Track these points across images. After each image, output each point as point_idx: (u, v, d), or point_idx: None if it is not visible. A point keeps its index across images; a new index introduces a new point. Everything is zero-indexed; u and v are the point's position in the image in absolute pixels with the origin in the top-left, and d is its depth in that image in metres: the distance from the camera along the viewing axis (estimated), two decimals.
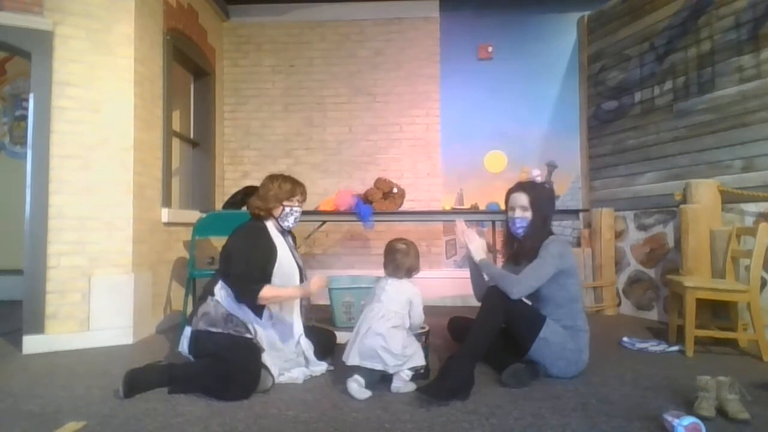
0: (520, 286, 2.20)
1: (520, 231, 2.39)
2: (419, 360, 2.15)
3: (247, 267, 2.25)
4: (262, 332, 2.29)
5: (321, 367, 2.39)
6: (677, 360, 2.67)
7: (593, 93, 4.59)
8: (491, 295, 2.28)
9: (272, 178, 2.49)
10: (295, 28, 5.01)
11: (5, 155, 5.10)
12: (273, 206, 2.43)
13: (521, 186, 2.46)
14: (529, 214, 2.36)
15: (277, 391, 2.13)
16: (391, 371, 2.09)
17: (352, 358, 2.13)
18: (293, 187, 2.46)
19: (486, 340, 2.15)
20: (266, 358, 2.21)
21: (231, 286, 2.27)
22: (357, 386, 2.07)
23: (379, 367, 2.09)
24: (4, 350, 2.91)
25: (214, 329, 2.23)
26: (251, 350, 2.18)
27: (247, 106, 5.03)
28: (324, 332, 2.68)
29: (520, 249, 2.43)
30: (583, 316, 2.33)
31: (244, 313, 2.28)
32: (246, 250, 2.30)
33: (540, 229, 2.36)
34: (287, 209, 2.44)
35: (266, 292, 2.22)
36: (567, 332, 2.25)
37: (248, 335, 2.25)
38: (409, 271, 2.31)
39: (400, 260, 2.28)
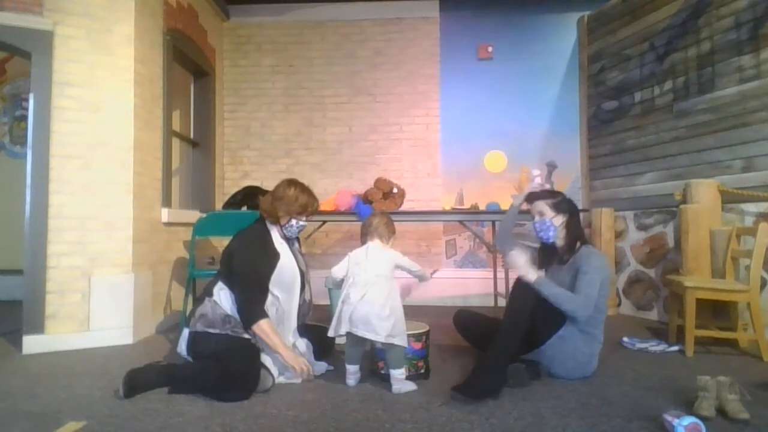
0: (587, 306, 2.19)
1: (541, 234, 2.42)
2: (404, 341, 2.15)
3: (252, 279, 2.25)
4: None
5: (320, 367, 2.39)
6: (677, 360, 2.67)
7: (593, 93, 4.59)
8: (518, 293, 2.28)
9: (291, 184, 2.45)
10: (295, 28, 5.01)
11: (5, 155, 5.10)
12: (281, 215, 2.41)
13: (538, 194, 2.49)
14: (547, 217, 2.38)
15: (277, 391, 2.13)
16: (382, 340, 2.08)
17: (344, 327, 2.14)
18: (306, 204, 2.43)
19: (516, 340, 2.14)
20: (266, 358, 2.21)
21: (236, 294, 2.26)
22: (352, 369, 2.20)
23: (370, 335, 2.09)
24: (4, 350, 2.91)
25: (212, 330, 2.23)
26: (250, 351, 2.18)
27: (247, 106, 5.03)
28: (323, 331, 2.67)
29: (550, 254, 2.47)
30: (602, 328, 2.34)
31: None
32: (250, 259, 2.28)
33: (572, 228, 2.38)
34: (293, 221, 2.42)
35: (264, 326, 2.18)
36: (583, 336, 2.26)
37: (246, 335, 2.25)
38: (381, 235, 2.33)
39: (375, 223, 2.34)
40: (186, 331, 2.29)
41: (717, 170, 3.42)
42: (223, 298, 2.29)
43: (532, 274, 2.23)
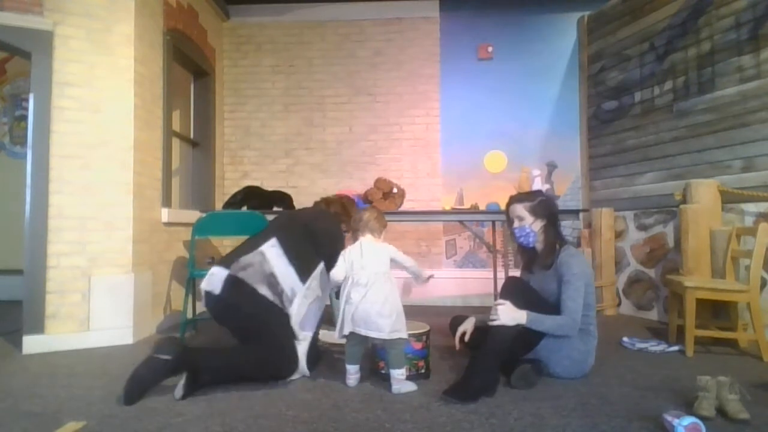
0: (575, 324, 2.22)
1: (521, 240, 2.41)
2: (405, 333, 2.17)
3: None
4: (296, 308, 2.32)
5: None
6: (677, 360, 2.67)
7: (593, 93, 4.59)
8: (509, 291, 2.31)
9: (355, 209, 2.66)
10: (295, 28, 5.01)
11: (5, 155, 5.10)
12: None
13: (516, 198, 2.47)
14: (526, 223, 2.37)
15: (277, 391, 2.13)
16: (386, 337, 2.09)
17: (346, 328, 2.14)
18: None
19: (506, 340, 2.15)
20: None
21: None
22: (353, 370, 2.21)
23: (373, 334, 2.11)
24: (4, 350, 2.91)
25: (259, 289, 2.22)
26: (291, 342, 2.25)
27: (247, 106, 5.03)
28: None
29: (533, 257, 2.46)
30: (594, 323, 2.34)
31: (289, 280, 2.30)
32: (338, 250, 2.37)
33: (550, 232, 2.38)
34: None
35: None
36: (578, 334, 2.26)
37: (286, 312, 2.28)
38: (373, 229, 2.32)
39: (365, 218, 2.33)
40: (224, 273, 2.23)
41: (717, 170, 3.42)
42: (273, 255, 2.30)
43: (522, 317, 2.19)
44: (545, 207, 2.39)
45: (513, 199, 2.46)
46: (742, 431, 1.74)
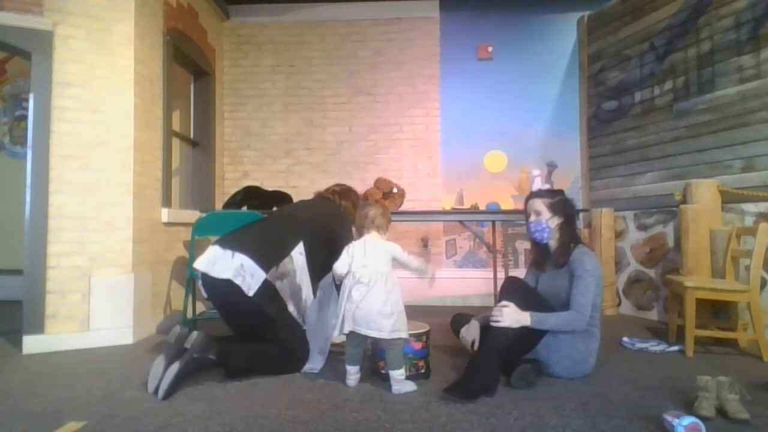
0: (582, 317, 2.22)
1: (536, 235, 2.41)
2: (406, 333, 2.17)
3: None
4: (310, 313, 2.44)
5: None
6: (677, 360, 2.67)
7: (593, 93, 4.59)
8: (508, 292, 2.32)
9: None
10: (295, 28, 5.01)
11: (5, 155, 5.10)
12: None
13: (536, 193, 2.49)
14: (543, 218, 2.38)
15: (277, 391, 2.13)
16: (386, 336, 2.10)
17: (347, 326, 2.14)
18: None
19: (507, 339, 2.15)
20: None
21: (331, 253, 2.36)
22: (353, 370, 2.21)
23: (374, 333, 2.11)
24: (4, 350, 2.91)
25: (288, 303, 2.36)
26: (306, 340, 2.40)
27: (247, 106, 5.03)
28: None
29: (545, 255, 2.46)
30: (598, 325, 2.34)
31: (308, 293, 2.44)
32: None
33: (566, 231, 2.38)
34: None
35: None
36: (579, 334, 2.26)
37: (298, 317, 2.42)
38: (379, 226, 2.31)
39: (372, 214, 2.31)
40: (262, 276, 2.27)
41: (717, 170, 3.42)
42: (301, 265, 2.39)
43: (525, 319, 2.19)
44: (564, 206, 2.40)
45: (533, 194, 2.47)
46: (742, 431, 1.74)
